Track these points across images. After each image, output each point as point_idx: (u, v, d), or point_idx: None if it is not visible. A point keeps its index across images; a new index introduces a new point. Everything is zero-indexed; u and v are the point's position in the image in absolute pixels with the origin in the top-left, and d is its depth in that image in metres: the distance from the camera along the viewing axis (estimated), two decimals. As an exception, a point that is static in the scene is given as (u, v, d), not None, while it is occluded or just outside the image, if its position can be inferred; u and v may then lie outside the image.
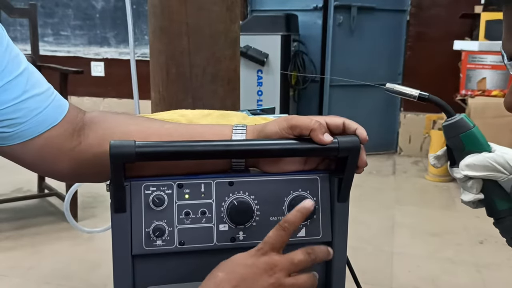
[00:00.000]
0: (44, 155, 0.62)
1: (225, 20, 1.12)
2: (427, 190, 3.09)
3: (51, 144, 0.61)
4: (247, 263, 0.57)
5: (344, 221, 0.67)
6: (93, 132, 0.64)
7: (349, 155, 0.62)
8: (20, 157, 0.61)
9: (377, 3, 3.67)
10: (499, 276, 1.97)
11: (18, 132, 0.58)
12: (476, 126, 0.64)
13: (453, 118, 0.63)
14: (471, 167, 0.62)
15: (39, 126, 0.60)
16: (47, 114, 0.60)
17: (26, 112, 0.58)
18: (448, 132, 0.64)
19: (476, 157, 0.62)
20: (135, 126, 0.65)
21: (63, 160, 0.63)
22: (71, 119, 0.64)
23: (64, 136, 0.62)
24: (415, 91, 0.65)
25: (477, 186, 0.63)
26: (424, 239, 2.32)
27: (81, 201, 2.42)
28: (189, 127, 0.67)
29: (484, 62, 2.98)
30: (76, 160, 0.64)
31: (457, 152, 0.65)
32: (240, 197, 0.63)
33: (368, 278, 1.91)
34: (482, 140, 0.63)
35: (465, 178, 0.63)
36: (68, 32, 4.31)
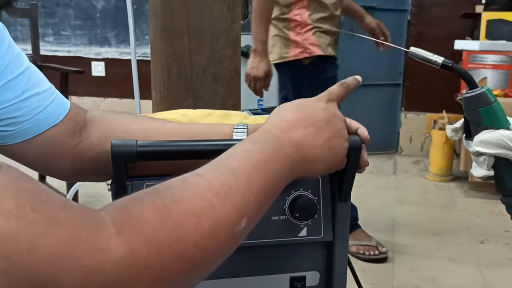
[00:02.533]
0: (46, 154, 0.62)
1: (226, 20, 1.12)
2: (428, 189, 3.09)
3: (53, 142, 0.62)
4: (319, 106, 0.54)
5: (346, 220, 0.67)
6: (95, 131, 0.65)
7: (350, 154, 0.62)
8: (22, 156, 0.61)
9: (378, 2, 3.66)
10: (500, 275, 1.97)
11: (20, 130, 0.59)
12: (497, 101, 0.62)
13: (475, 91, 0.62)
14: (484, 143, 0.61)
15: (41, 124, 0.60)
16: (48, 113, 0.60)
17: (27, 110, 0.58)
18: (467, 105, 0.63)
19: (491, 133, 0.61)
20: (136, 125, 0.65)
21: (64, 159, 0.63)
22: (73, 117, 0.64)
23: (65, 135, 0.63)
24: (439, 58, 0.63)
25: (488, 163, 0.62)
26: (425, 239, 2.32)
27: (82, 201, 2.43)
28: (190, 126, 0.67)
29: (485, 62, 2.98)
30: (77, 159, 0.64)
31: (473, 126, 0.63)
32: (242, 197, 0.63)
33: (369, 278, 1.91)
34: (501, 116, 0.62)
35: (478, 153, 0.63)
36: (68, 32, 4.32)
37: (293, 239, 0.65)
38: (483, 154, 0.62)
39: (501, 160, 0.62)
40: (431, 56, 0.64)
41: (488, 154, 0.62)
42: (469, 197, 2.90)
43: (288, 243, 0.65)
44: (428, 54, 0.64)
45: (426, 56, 0.64)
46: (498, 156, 0.61)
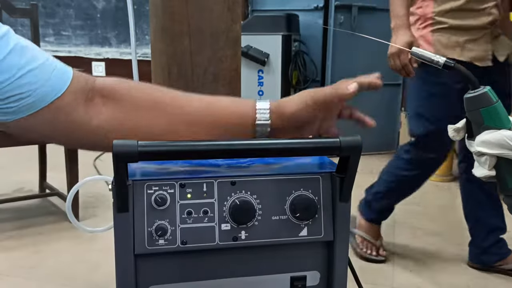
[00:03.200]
0: (57, 126, 0.62)
1: (226, 20, 1.12)
2: (427, 189, 3.09)
3: (62, 114, 0.61)
4: None
5: (346, 220, 0.67)
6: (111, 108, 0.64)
7: (351, 154, 0.63)
8: (35, 129, 0.61)
9: (378, 3, 3.67)
10: (500, 275, 1.97)
11: (25, 105, 0.58)
12: (499, 102, 0.62)
13: (476, 91, 0.62)
14: (486, 143, 0.61)
15: (45, 97, 0.59)
16: (50, 85, 0.60)
17: (27, 86, 0.58)
18: (469, 105, 0.63)
19: (493, 134, 0.61)
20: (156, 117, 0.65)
21: (77, 132, 0.63)
22: (79, 88, 0.63)
23: (73, 107, 0.62)
24: (442, 58, 0.63)
25: (490, 163, 0.62)
26: (425, 239, 2.32)
27: (82, 201, 2.43)
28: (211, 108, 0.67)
29: (485, 62, 2.98)
30: (90, 138, 0.64)
31: (475, 126, 0.63)
32: (242, 197, 0.64)
33: (369, 278, 1.91)
34: (503, 116, 0.62)
35: (479, 153, 0.63)
36: (69, 32, 4.32)
37: (294, 239, 0.65)
38: (485, 154, 0.62)
39: (503, 161, 0.62)
40: (433, 56, 0.64)
41: (489, 154, 0.62)
42: (469, 197, 2.90)
43: (289, 243, 0.65)
44: (430, 54, 0.64)
45: (428, 56, 0.64)
46: (500, 156, 0.61)
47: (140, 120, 0.65)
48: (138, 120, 0.65)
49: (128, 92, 0.65)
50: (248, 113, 0.67)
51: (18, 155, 3.20)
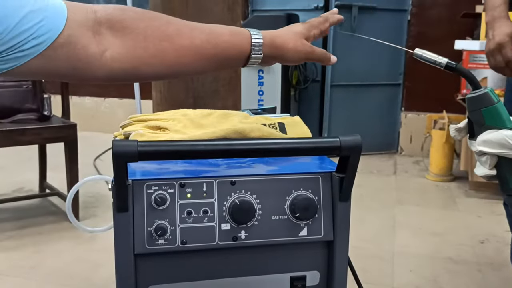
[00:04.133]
0: (72, 63, 0.61)
1: (226, 20, 1.12)
2: (428, 189, 3.09)
3: (72, 49, 0.60)
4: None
5: (346, 220, 0.67)
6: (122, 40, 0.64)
7: (350, 154, 0.62)
8: (54, 67, 0.61)
9: (378, 2, 3.67)
10: (500, 276, 1.97)
11: (31, 47, 0.57)
12: (500, 102, 0.62)
13: (478, 92, 0.62)
14: (487, 143, 0.61)
15: (47, 36, 0.58)
16: (49, 24, 0.58)
17: (26, 33, 0.56)
18: (470, 105, 0.63)
19: (494, 133, 0.61)
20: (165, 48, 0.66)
21: (93, 68, 0.63)
22: (80, 20, 0.62)
23: (81, 39, 0.61)
24: (444, 59, 0.64)
25: (491, 162, 0.62)
26: (425, 239, 2.32)
27: (82, 201, 2.43)
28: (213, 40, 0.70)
29: (485, 62, 2.96)
30: (105, 71, 0.64)
31: (477, 126, 0.64)
32: (242, 196, 0.63)
33: (369, 278, 1.91)
34: (504, 116, 0.62)
35: (481, 153, 0.63)
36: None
37: (294, 239, 0.65)
38: (486, 153, 0.62)
39: (504, 160, 0.62)
40: (435, 57, 0.64)
41: (490, 154, 0.62)
42: (469, 197, 2.90)
43: (289, 242, 0.65)
44: (433, 55, 0.64)
45: (430, 57, 0.64)
46: (501, 155, 0.61)
47: (150, 49, 0.65)
48: (149, 52, 0.65)
49: (135, 23, 0.65)
50: (245, 47, 0.71)
51: (18, 155, 3.20)
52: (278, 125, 0.84)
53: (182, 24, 0.69)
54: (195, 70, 0.71)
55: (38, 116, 2.24)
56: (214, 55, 0.70)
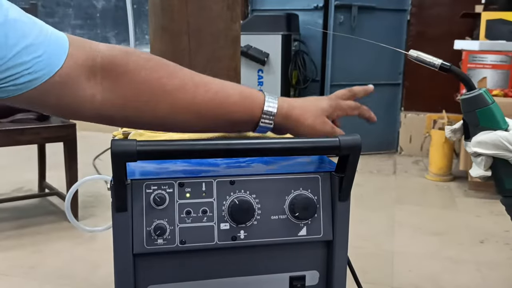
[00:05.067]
0: (62, 101, 0.59)
1: (225, 19, 1.12)
2: (427, 189, 3.09)
3: (65, 89, 0.58)
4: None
5: (345, 220, 0.67)
6: (116, 88, 0.61)
7: (350, 153, 0.62)
8: (44, 103, 0.59)
9: (377, 2, 3.66)
10: (499, 275, 1.97)
11: (23, 82, 0.55)
12: (495, 103, 0.62)
13: (472, 93, 0.62)
14: (482, 144, 0.61)
15: (43, 73, 0.56)
16: (46, 60, 0.56)
17: (22, 66, 0.54)
18: (465, 106, 0.63)
19: (488, 135, 0.61)
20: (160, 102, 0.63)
21: (83, 109, 0.61)
22: (80, 61, 0.59)
23: (76, 80, 0.59)
24: (438, 60, 0.64)
25: (486, 163, 0.62)
26: (425, 238, 2.32)
27: (81, 201, 2.42)
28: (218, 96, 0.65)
29: (484, 62, 2.98)
30: (95, 114, 0.62)
31: (472, 127, 0.64)
32: (241, 196, 0.63)
33: (368, 277, 1.91)
34: (499, 117, 0.62)
35: (476, 154, 0.63)
36: (68, 31, 4.31)
37: (293, 239, 0.65)
38: (481, 154, 0.62)
39: (499, 161, 0.62)
40: (430, 58, 0.64)
41: (485, 155, 0.62)
42: (468, 197, 2.90)
43: (288, 242, 0.65)
44: (427, 56, 0.64)
45: (424, 59, 0.64)
46: (496, 157, 0.61)
47: (144, 101, 0.63)
48: (142, 101, 0.63)
49: (134, 71, 0.62)
50: (254, 113, 0.66)
51: (18, 155, 3.19)
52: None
53: (187, 78, 0.65)
54: (193, 128, 0.67)
55: (38, 115, 2.23)
56: (216, 116, 0.65)
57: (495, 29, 3.09)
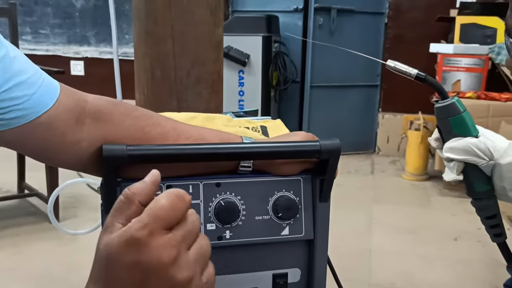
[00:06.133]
0: (47, 145, 0.60)
1: (209, 24, 1.15)
2: (404, 188, 3.16)
3: (50, 132, 0.59)
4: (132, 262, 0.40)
5: (326, 219, 0.70)
6: (101, 134, 0.62)
7: (330, 157, 0.66)
8: (22, 144, 0.60)
9: (356, 5, 3.73)
10: (472, 271, 2.04)
11: (8, 118, 0.56)
12: (466, 111, 0.66)
13: (446, 101, 0.66)
14: (453, 150, 0.65)
15: (30, 112, 0.57)
16: (36, 100, 0.57)
17: (12, 101, 0.55)
18: (439, 114, 0.67)
19: (459, 141, 0.65)
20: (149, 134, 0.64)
21: (66, 151, 0.62)
22: (68, 106, 0.61)
23: (62, 125, 0.60)
24: (414, 70, 0.67)
25: (458, 168, 0.66)
26: (401, 236, 2.38)
27: (62, 201, 2.41)
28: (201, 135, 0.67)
29: (458, 65, 3.07)
30: (80, 154, 0.62)
31: (445, 133, 0.68)
32: (227, 198, 0.66)
33: (347, 275, 1.95)
34: (470, 125, 0.66)
35: (448, 159, 0.67)
36: (47, 30, 4.26)
37: (276, 238, 0.68)
38: (453, 160, 0.66)
39: (470, 166, 0.66)
40: (406, 68, 0.67)
41: (457, 160, 0.66)
42: (443, 195, 2.99)
43: (271, 241, 0.68)
44: (404, 66, 0.68)
45: (401, 69, 0.68)
46: (467, 162, 0.65)
47: None
48: None
49: (120, 119, 0.64)
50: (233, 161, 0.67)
51: (-5, 155, 3.15)
52: (260, 128, 0.87)
53: (170, 126, 0.66)
54: (176, 173, 0.66)
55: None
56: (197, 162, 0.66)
57: (469, 33, 3.18)
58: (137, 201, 0.43)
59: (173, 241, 0.41)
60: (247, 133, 0.82)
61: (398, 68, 0.68)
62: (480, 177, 0.67)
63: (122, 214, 0.43)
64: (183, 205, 0.43)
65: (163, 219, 0.41)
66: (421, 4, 3.78)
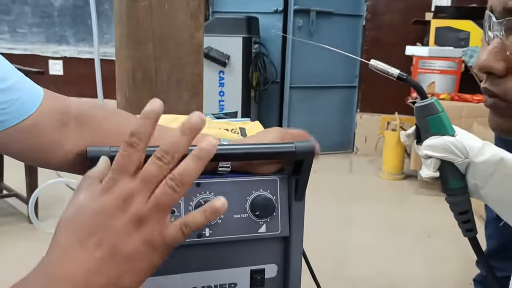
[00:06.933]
0: (31, 148, 0.62)
1: (189, 28, 1.17)
2: (381, 187, 3.23)
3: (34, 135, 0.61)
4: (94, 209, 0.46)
5: (301, 217, 0.74)
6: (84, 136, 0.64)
7: (304, 158, 0.69)
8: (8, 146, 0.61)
9: (335, 8, 3.79)
10: (446, 268, 2.11)
11: None
12: (444, 111, 0.70)
13: (425, 101, 0.69)
14: (431, 147, 0.69)
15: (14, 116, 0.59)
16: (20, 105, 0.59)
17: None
18: (418, 113, 0.70)
19: (437, 139, 0.69)
20: None
21: (51, 157, 0.64)
22: (52, 110, 0.63)
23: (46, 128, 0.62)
24: (396, 70, 0.70)
25: (434, 165, 0.70)
26: (378, 234, 2.44)
27: (41, 202, 2.39)
28: None
29: (433, 67, 3.16)
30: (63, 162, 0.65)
31: (423, 132, 0.71)
32: (207, 197, 0.69)
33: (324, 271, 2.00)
34: (447, 124, 0.70)
35: (426, 156, 0.71)
36: (25, 29, 4.20)
37: (254, 235, 0.71)
38: (431, 157, 0.70)
39: (446, 163, 0.70)
40: (389, 68, 0.70)
41: (434, 157, 0.70)
42: (419, 194, 3.07)
43: (249, 238, 0.71)
44: (386, 66, 0.71)
45: (384, 69, 0.71)
46: (444, 159, 0.70)
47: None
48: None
49: (102, 121, 0.67)
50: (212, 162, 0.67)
51: (-29, 155, 3.10)
52: (239, 130, 0.90)
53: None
54: None
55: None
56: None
57: (443, 36, 3.27)
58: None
59: None
60: (226, 135, 0.85)
61: (381, 68, 0.70)
62: (455, 175, 0.70)
63: None
64: None
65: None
66: (397, 7, 3.86)
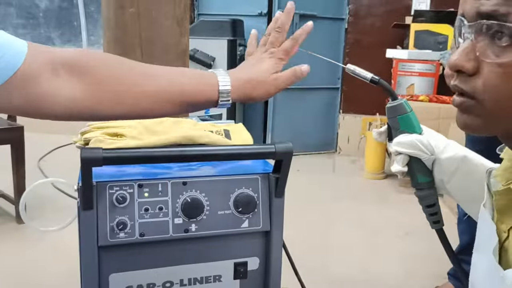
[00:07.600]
0: (29, 99, 0.63)
1: (175, 34, 1.22)
2: (363, 187, 3.31)
3: (29, 87, 0.62)
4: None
5: (280, 213, 0.80)
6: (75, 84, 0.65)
7: (283, 158, 0.75)
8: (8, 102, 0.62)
9: (318, 11, 3.86)
10: (421, 264, 2.19)
11: None
12: (412, 111, 0.76)
13: (395, 102, 0.76)
14: (400, 144, 0.75)
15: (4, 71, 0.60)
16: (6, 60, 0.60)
17: None
18: (389, 113, 0.77)
19: (406, 137, 0.75)
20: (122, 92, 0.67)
21: (49, 106, 0.65)
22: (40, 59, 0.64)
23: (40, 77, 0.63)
24: (369, 74, 0.77)
25: (403, 161, 0.76)
26: (358, 232, 2.51)
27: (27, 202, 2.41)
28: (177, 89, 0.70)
29: (412, 70, 3.25)
30: (61, 110, 0.65)
31: (394, 130, 0.78)
32: (193, 195, 0.74)
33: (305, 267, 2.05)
34: (415, 123, 0.76)
35: (396, 153, 0.77)
36: (10, 31, 4.18)
37: (237, 230, 0.77)
38: (400, 153, 0.76)
39: (414, 159, 0.76)
40: (363, 72, 0.77)
41: (403, 153, 0.76)
42: (399, 193, 3.15)
43: (232, 233, 0.77)
44: (361, 70, 0.77)
45: (359, 73, 0.77)
46: (411, 155, 0.76)
47: (106, 94, 0.67)
48: (105, 95, 0.67)
49: (94, 68, 0.67)
50: (213, 94, 0.71)
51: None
52: (223, 132, 0.95)
53: (143, 70, 0.70)
54: (160, 113, 0.70)
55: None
56: (179, 101, 0.70)
57: (422, 39, 3.36)
58: None
59: None
60: (211, 136, 0.90)
61: (356, 72, 0.77)
62: (422, 170, 0.77)
63: None
64: None
65: None
66: (379, 11, 3.95)
